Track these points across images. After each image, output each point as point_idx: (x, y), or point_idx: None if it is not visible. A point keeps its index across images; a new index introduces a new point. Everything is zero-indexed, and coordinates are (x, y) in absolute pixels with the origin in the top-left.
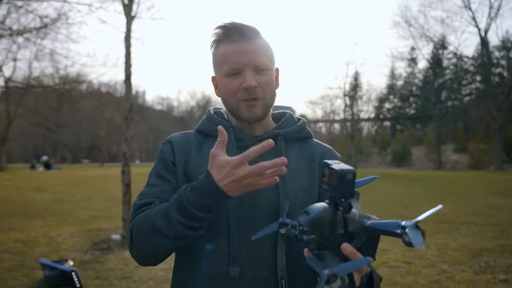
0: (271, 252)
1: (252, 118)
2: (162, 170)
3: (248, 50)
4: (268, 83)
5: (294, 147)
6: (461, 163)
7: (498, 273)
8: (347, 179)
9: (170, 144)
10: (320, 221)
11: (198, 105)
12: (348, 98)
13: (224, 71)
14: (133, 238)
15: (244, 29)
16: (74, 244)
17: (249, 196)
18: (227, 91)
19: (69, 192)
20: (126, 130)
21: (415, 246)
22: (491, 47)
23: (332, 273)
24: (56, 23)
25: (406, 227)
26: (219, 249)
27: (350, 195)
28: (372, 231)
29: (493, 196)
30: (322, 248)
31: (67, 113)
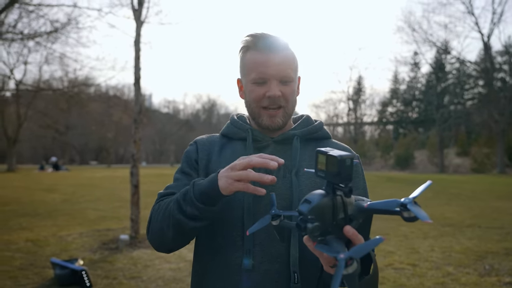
0: (284, 247)
1: (273, 127)
2: (186, 167)
3: (276, 62)
4: (291, 94)
5: (310, 147)
6: (463, 167)
7: (503, 276)
8: (346, 164)
9: (196, 144)
10: (322, 208)
11: (204, 108)
12: (351, 102)
13: (251, 78)
14: (151, 222)
15: (274, 41)
16: (84, 244)
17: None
18: (252, 97)
19: (77, 193)
20: (135, 132)
21: (422, 220)
22: (493, 52)
23: (348, 257)
24: (66, 27)
25: (406, 204)
26: (233, 242)
27: (349, 179)
28: (370, 212)
29: (497, 200)
30: (325, 234)
31: (75, 115)
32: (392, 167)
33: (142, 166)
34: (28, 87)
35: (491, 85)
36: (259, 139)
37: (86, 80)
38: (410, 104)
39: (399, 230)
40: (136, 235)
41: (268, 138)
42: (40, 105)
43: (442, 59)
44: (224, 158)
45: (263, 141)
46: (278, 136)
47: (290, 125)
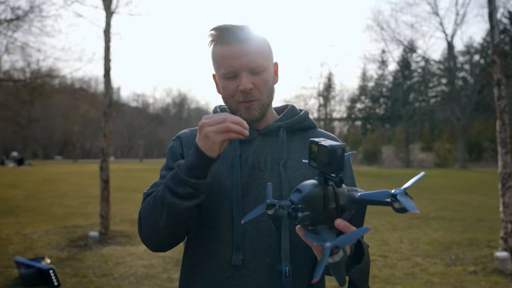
0: (274, 241)
1: (250, 119)
2: (172, 163)
3: (242, 53)
4: (264, 84)
5: (297, 138)
6: (427, 162)
7: (468, 265)
8: (337, 154)
9: (179, 139)
10: (313, 198)
11: (174, 102)
12: (322, 98)
13: (221, 73)
14: (141, 220)
15: (237, 31)
16: (50, 242)
17: (252, 187)
18: (226, 93)
19: (42, 189)
20: (105, 125)
21: (410, 210)
22: (456, 52)
23: (334, 245)
24: (29, 15)
25: (396, 195)
26: (222, 237)
27: (340, 169)
28: (362, 203)
29: (459, 193)
30: (315, 223)
31: (39, 108)
32: (360, 162)
33: (110, 161)
34: None
35: (453, 84)
36: None
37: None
38: (378, 100)
39: (369, 223)
40: (106, 232)
41: (254, 131)
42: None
43: (408, 58)
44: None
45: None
46: (264, 129)
47: (274, 116)
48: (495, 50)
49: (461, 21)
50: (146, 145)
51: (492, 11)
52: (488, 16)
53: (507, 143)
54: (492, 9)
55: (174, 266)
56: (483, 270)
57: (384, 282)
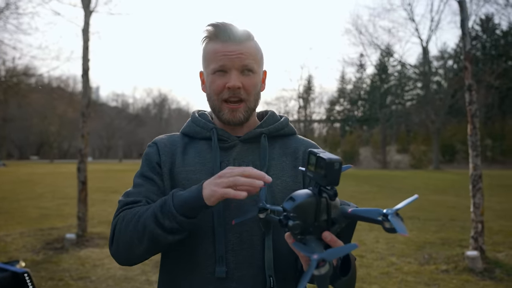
0: (257, 251)
1: (234, 122)
2: (148, 171)
3: (237, 51)
4: (253, 86)
5: (277, 145)
6: (403, 163)
7: (440, 264)
8: (334, 167)
9: (156, 145)
10: (305, 208)
11: (154, 102)
12: (301, 100)
13: (211, 68)
14: (115, 234)
15: (235, 31)
16: (25, 244)
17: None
18: (212, 89)
19: (16, 190)
20: (83, 126)
21: (400, 233)
22: (430, 57)
23: (321, 258)
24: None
25: (388, 215)
26: (204, 249)
27: (336, 183)
28: (352, 218)
29: (433, 193)
30: (305, 233)
31: (14, 107)
32: None
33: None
34: None
35: (428, 88)
36: (224, 139)
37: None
38: (356, 103)
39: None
40: (83, 234)
41: (234, 138)
42: None
43: (385, 62)
44: (188, 159)
45: (229, 141)
46: (245, 135)
47: (255, 122)
48: (466, 56)
49: (435, 27)
50: (125, 145)
51: (464, 19)
52: (460, 24)
53: (477, 146)
54: (464, 17)
55: (152, 268)
56: (454, 268)
57: (361, 281)
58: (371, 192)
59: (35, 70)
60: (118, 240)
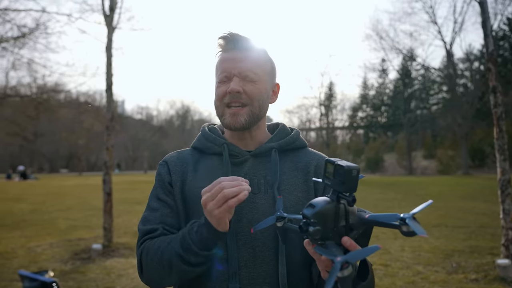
0: (271, 267)
1: (235, 126)
2: (161, 193)
3: (239, 59)
4: (256, 93)
5: (289, 159)
6: (430, 169)
7: (469, 273)
8: (352, 175)
9: (166, 165)
10: (325, 214)
11: (177, 114)
12: (323, 107)
13: (217, 77)
14: (143, 267)
15: (239, 39)
16: (54, 255)
17: (246, 211)
18: (216, 95)
19: (47, 202)
20: (107, 139)
21: (418, 234)
22: (455, 59)
23: (344, 260)
24: (35, 32)
25: (405, 219)
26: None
27: (354, 189)
28: (370, 224)
29: (461, 200)
30: (325, 239)
31: (45, 122)
32: (363, 170)
33: (115, 173)
34: None
35: (454, 91)
36: (235, 154)
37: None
38: (379, 109)
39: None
40: (109, 244)
41: (245, 153)
42: (6, 112)
43: (408, 66)
44: (199, 177)
45: (240, 156)
46: (256, 150)
47: (266, 135)
48: (490, 58)
49: (459, 29)
50: (150, 156)
51: (486, 20)
52: (481, 25)
53: (505, 150)
54: (486, 18)
55: None
56: (484, 277)
57: None
58: (396, 199)
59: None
60: (147, 273)
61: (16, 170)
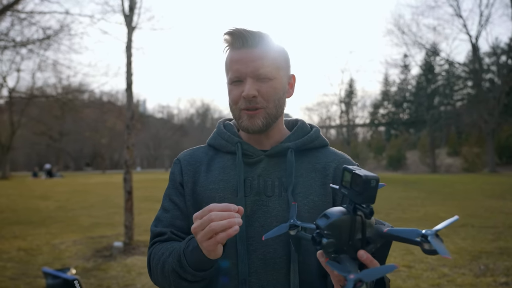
0: (282, 274)
1: (252, 129)
2: (173, 194)
3: (250, 58)
4: (271, 92)
5: (307, 159)
6: (455, 167)
7: (498, 276)
8: (371, 185)
9: (180, 164)
10: (340, 226)
11: (198, 112)
12: (343, 104)
13: (228, 78)
14: (151, 270)
15: (248, 36)
16: (77, 252)
17: (258, 215)
18: (230, 99)
19: (71, 200)
20: (128, 138)
21: (441, 255)
22: (481, 53)
23: (358, 279)
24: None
25: (427, 236)
26: (227, 271)
27: (372, 201)
28: (389, 238)
29: (489, 199)
30: (339, 252)
31: (70, 122)
32: (385, 168)
33: (136, 171)
34: (22, 95)
35: (480, 86)
36: (249, 154)
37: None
38: (401, 105)
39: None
40: (130, 242)
41: (259, 152)
42: (33, 112)
43: (431, 61)
44: (212, 177)
45: (255, 156)
46: (271, 150)
47: (283, 133)
48: None
49: (485, 22)
50: (171, 155)
51: None
52: (511, 18)
53: None
54: None
55: None
56: None
57: None
58: (419, 198)
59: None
60: (154, 277)
61: (42, 169)
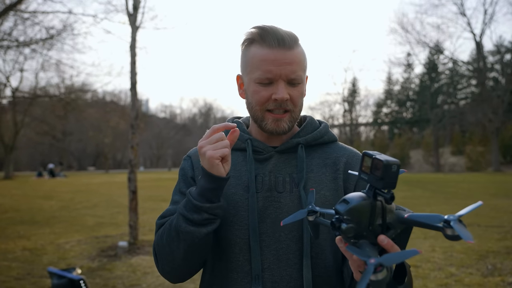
0: (295, 270)
1: (277, 132)
2: (184, 187)
3: (286, 61)
4: (299, 96)
5: (317, 155)
6: (459, 166)
7: (506, 276)
8: (391, 170)
9: (190, 159)
10: (359, 211)
11: (200, 112)
12: (346, 103)
13: (255, 77)
14: (157, 253)
15: (285, 37)
16: (82, 252)
17: (270, 211)
18: (255, 99)
19: (75, 199)
20: (132, 137)
21: (465, 240)
22: (485, 52)
23: (378, 263)
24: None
25: (450, 221)
26: (241, 267)
27: (393, 186)
28: (410, 224)
29: (494, 198)
30: (358, 237)
31: (73, 121)
32: None
33: (139, 171)
34: (25, 94)
35: (484, 85)
36: (260, 150)
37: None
38: (404, 104)
39: None
40: (134, 241)
41: (270, 149)
42: (36, 112)
43: (435, 60)
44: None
45: (265, 152)
46: (281, 146)
47: (293, 130)
48: None
49: (489, 20)
50: (174, 154)
51: None
52: None
53: None
54: None
55: (200, 276)
56: None
57: None
58: (423, 197)
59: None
60: (160, 255)
61: (46, 168)
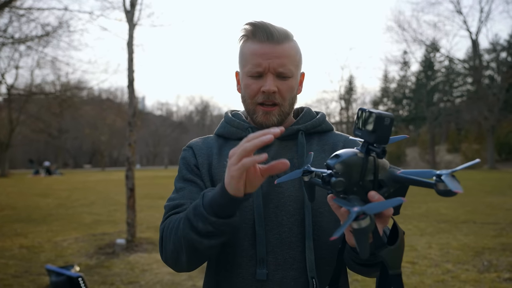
0: (298, 252)
1: (267, 125)
2: (187, 174)
3: (274, 54)
4: (289, 90)
5: (315, 141)
6: (454, 163)
7: (502, 272)
8: (384, 123)
9: (191, 149)
10: (350, 165)
11: (197, 109)
12: (343, 101)
13: (246, 70)
14: (163, 243)
15: (273, 31)
16: (79, 249)
17: (272, 196)
18: (247, 92)
19: (72, 197)
20: (130, 135)
21: (453, 190)
22: (481, 50)
23: (361, 211)
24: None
25: (441, 175)
26: (246, 251)
27: (385, 141)
28: (402, 181)
29: (489, 195)
30: (348, 193)
31: (69, 119)
32: None
33: (136, 168)
34: (20, 92)
35: (480, 83)
36: None
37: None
38: (401, 102)
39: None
40: (132, 239)
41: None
42: (32, 110)
43: (431, 58)
44: (224, 161)
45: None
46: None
47: (291, 120)
48: None
49: (485, 19)
50: (170, 152)
51: None
52: None
53: None
54: None
55: (199, 273)
56: None
57: None
58: (420, 194)
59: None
60: (166, 249)
61: (42, 166)
